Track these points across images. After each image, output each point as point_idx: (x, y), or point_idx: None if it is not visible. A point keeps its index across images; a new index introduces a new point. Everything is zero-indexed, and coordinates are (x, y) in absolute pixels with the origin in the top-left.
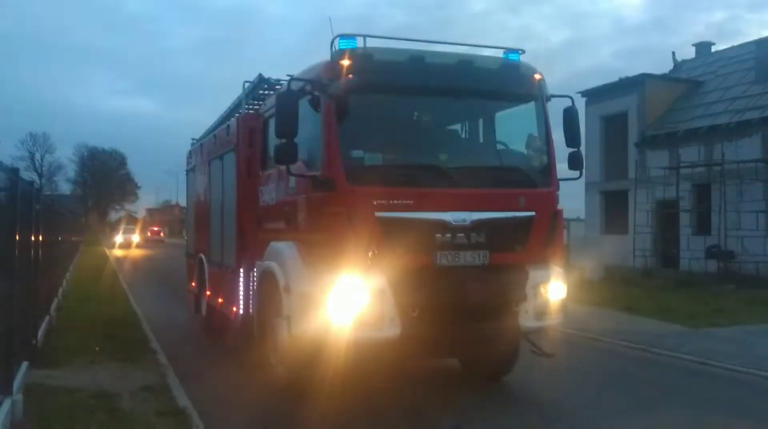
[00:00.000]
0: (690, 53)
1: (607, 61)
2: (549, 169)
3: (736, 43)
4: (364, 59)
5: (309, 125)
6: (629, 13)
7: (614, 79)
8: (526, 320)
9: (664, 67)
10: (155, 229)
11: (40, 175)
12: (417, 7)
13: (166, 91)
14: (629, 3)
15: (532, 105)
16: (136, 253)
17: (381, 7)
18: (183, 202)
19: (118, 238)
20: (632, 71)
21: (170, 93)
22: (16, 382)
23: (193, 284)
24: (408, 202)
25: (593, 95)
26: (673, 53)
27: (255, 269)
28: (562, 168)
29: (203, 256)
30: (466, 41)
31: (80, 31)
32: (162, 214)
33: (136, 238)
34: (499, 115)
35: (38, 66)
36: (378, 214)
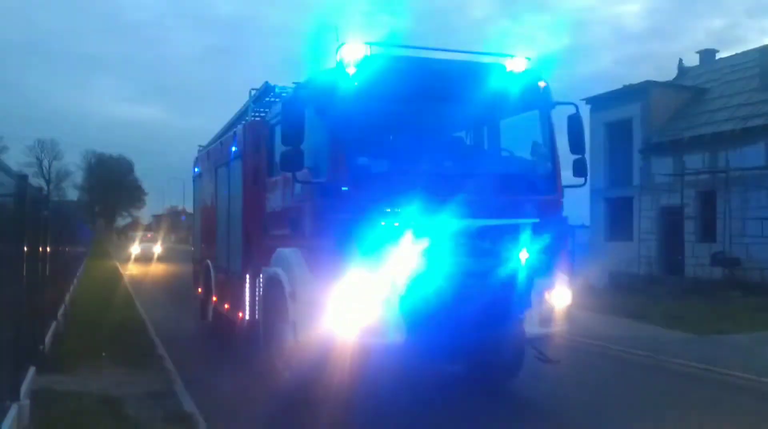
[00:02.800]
0: (691, 59)
1: (608, 68)
2: (553, 176)
3: (736, 49)
4: (369, 67)
5: (315, 132)
6: (629, 21)
7: (615, 85)
8: (531, 327)
9: (665, 73)
10: (148, 235)
11: (47, 182)
12: (416, 15)
13: (171, 99)
14: (629, 11)
15: (536, 112)
16: (160, 270)
17: (381, 15)
18: (190, 209)
19: (135, 249)
20: (633, 78)
21: (175, 100)
22: (23, 388)
23: (200, 290)
24: (413, 208)
25: (598, 102)
26: (681, 60)
27: (261, 275)
28: (566, 175)
29: (210, 262)
30: (466, 49)
31: (84, 39)
32: (171, 220)
33: (157, 248)
34: (503, 122)
35: (45, 73)
36: (383, 220)
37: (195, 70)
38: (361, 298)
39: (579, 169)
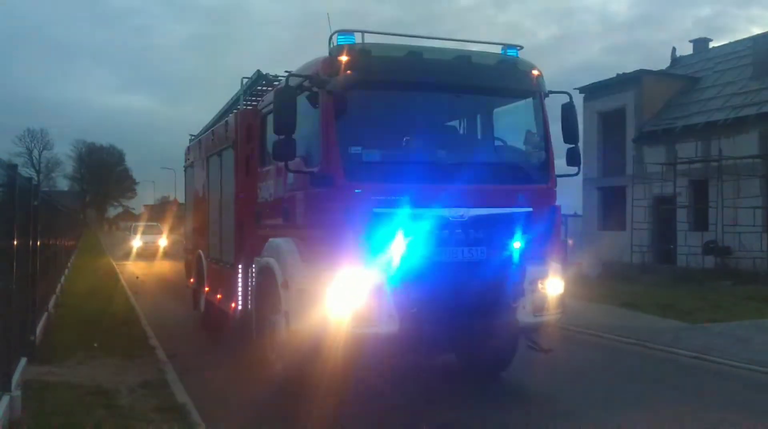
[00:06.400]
0: (680, 48)
1: (596, 57)
2: (547, 165)
3: (724, 38)
4: (362, 55)
5: (307, 121)
6: (616, 9)
7: (603, 75)
8: (523, 316)
9: (654, 62)
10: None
11: (38, 172)
12: (404, 3)
13: (160, 88)
14: None
15: (530, 101)
16: (170, 271)
17: (368, 3)
18: (181, 199)
19: (136, 243)
20: (621, 67)
21: (164, 89)
22: (15, 379)
23: (192, 280)
24: (406, 198)
25: (591, 91)
26: (674, 48)
27: (253, 265)
28: (559, 164)
29: (202, 253)
30: (454, 37)
31: (72, 27)
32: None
33: (162, 241)
34: (497, 111)
35: (32, 63)
36: (376, 209)
37: (182, 59)
38: (354, 288)
39: (572, 158)
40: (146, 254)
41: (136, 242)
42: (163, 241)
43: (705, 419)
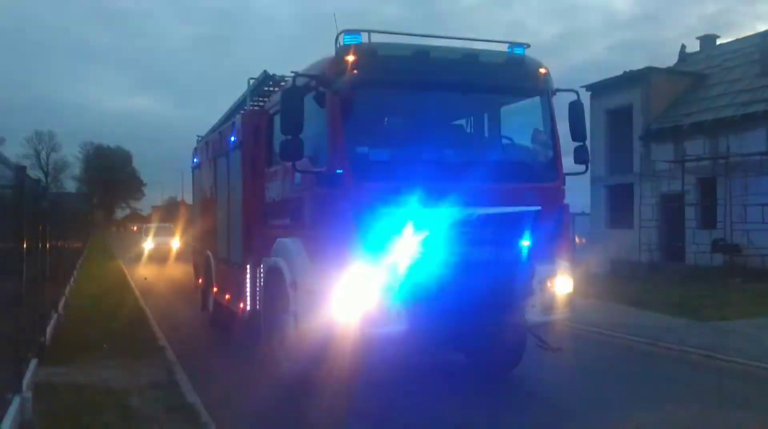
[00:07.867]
0: (687, 45)
1: (601, 54)
2: (555, 163)
3: (730, 35)
4: (369, 55)
5: (314, 121)
6: (621, 6)
7: (609, 72)
8: (532, 315)
9: (659, 60)
10: (134, 229)
11: (46, 174)
12: (408, 2)
13: (167, 89)
14: None
15: (537, 99)
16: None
17: (372, 2)
18: (189, 200)
19: (148, 244)
20: (627, 65)
21: (171, 90)
22: (25, 380)
23: (201, 281)
24: (413, 197)
25: (598, 89)
26: (683, 45)
27: (262, 265)
28: (567, 162)
29: (210, 253)
30: (458, 36)
31: (79, 29)
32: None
33: (175, 243)
34: (504, 109)
35: (41, 65)
36: (383, 209)
37: (189, 60)
38: (362, 287)
39: (580, 156)
40: (158, 256)
41: (148, 244)
42: (175, 243)
43: (715, 417)
